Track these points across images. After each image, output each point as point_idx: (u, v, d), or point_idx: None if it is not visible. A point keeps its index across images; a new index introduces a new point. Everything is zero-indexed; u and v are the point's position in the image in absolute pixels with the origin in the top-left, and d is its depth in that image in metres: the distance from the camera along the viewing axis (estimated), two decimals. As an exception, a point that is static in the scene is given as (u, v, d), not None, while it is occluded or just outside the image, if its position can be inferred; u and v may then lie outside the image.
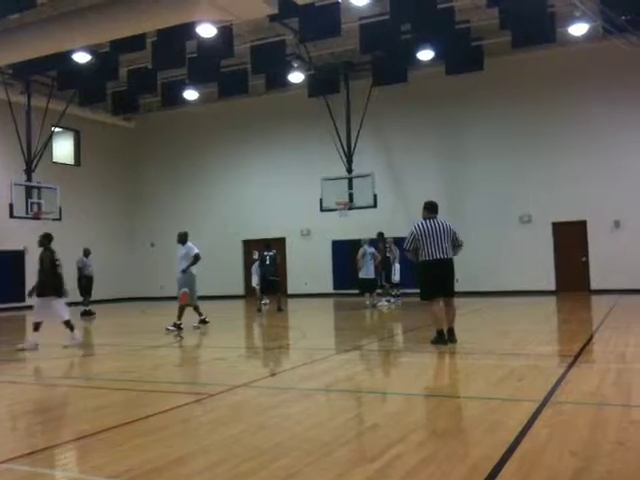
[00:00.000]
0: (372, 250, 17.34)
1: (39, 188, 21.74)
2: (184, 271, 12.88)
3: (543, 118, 21.12)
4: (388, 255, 17.80)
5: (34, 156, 22.26)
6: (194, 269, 13.04)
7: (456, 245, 9.03)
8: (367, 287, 17.17)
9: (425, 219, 9.04)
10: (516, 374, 6.63)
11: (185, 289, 12.80)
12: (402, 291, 18.60)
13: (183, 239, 13.21)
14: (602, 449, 4.02)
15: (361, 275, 16.99)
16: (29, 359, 10.27)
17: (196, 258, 12.94)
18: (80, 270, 18.32)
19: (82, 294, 18.35)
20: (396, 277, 18.25)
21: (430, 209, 9.13)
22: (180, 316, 12.69)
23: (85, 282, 18.27)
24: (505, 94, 21.60)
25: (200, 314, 13.18)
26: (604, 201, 20.14)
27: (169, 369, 8.13)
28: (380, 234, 18.32)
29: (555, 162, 20.88)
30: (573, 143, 20.74)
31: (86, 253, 18.46)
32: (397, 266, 18.13)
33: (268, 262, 17.30)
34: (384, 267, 17.81)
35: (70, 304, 17.94)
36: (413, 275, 10.03)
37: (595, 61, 20.30)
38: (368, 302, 17.04)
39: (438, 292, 8.95)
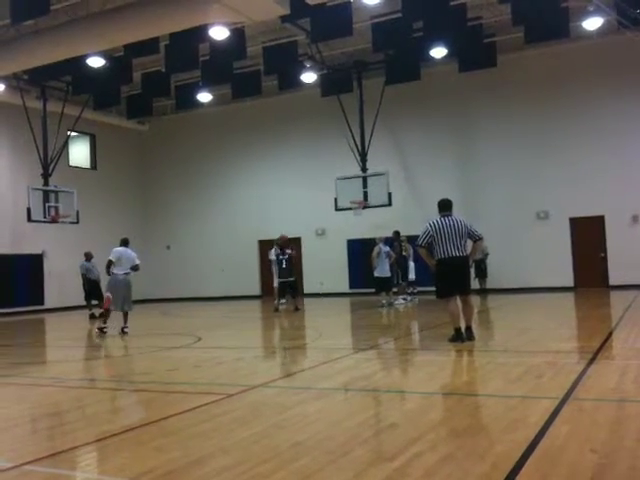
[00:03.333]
0: (387, 249, 17.29)
1: (56, 192, 21.93)
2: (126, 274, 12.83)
3: (558, 114, 20.97)
4: (404, 254, 17.73)
5: (51, 160, 22.44)
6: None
7: (475, 239, 8.92)
8: (383, 286, 17.11)
9: (440, 217, 8.95)
10: (535, 371, 6.59)
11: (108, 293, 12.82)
12: (418, 289, 18.55)
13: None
14: (623, 446, 3.98)
15: (376, 274, 16.92)
16: (49, 362, 10.37)
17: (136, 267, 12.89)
18: (84, 275, 18.31)
19: (87, 299, 18.36)
20: (411, 275, 18.23)
21: (443, 207, 9.05)
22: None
23: (90, 286, 18.21)
24: (519, 90, 21.46)
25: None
26: (621, 196, 19.96)
27: (188, 370, 8.16)
28: (396, 232, 18.23)
29: (571, 157, 20.72)
30: (589, 138, 20.57)
31: (88, 257, 18.39)
32: (412, 264, 18.09)
33: (285, 265, 17.31)
34: (400, 265, 17.75)
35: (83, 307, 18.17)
36: (428, 273, 9.96)
37: (610, 56, 20.10)
38: (384, 301, 16.98)
39: (454, 290, 8.85)
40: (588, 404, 5.13)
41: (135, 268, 12.90)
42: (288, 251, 17.41)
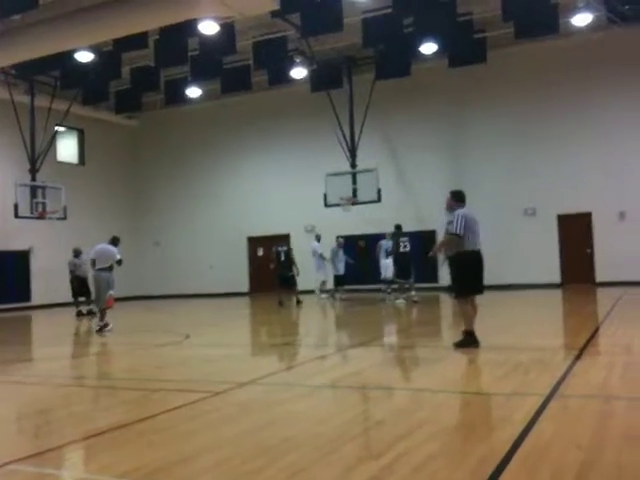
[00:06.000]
0: (389, 245, 17.49)
1: (44, 188, 21.78)
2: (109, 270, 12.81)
3: (547, 110, 21.03)
4: (403, 250, 17.27)
5: (38, 156, 22.29)
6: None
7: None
8: (384, 282, 17.39)
9: (456, 208, 8.17)
10: (522, 368, 6.62)
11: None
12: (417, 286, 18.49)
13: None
14: (609, 442, 4.01)
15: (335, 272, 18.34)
16: (35, 359, 10.32)
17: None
18: (72, 272, 18.15)
19: (74, 295, 18.21)
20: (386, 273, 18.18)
21: (460, 198, 8.35)
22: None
23: (77, 283, 18.06)
24: (509, 86, 21.51)
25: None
26: (609, 193, 20.05)
27: (176, 367, 8.15)
28: (397, 227, 17.83)
29: (559, 154, 20.80)
30: (577, 134, 20.65)
31: (76, 254, 18.21)
32: (385, 261, 18.04)
33: (283, 258, 17.81)
34: (396, 262, 17.41)
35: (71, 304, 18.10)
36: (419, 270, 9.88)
37: (599, 52, 20.16)
38: (384, 298, 17.19)
39: (479, 288, 8.11)
40: (574, 401, 5.17)
41: (118, 263, 12.77)
42: (286, 246, 18.25)
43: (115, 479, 3.71)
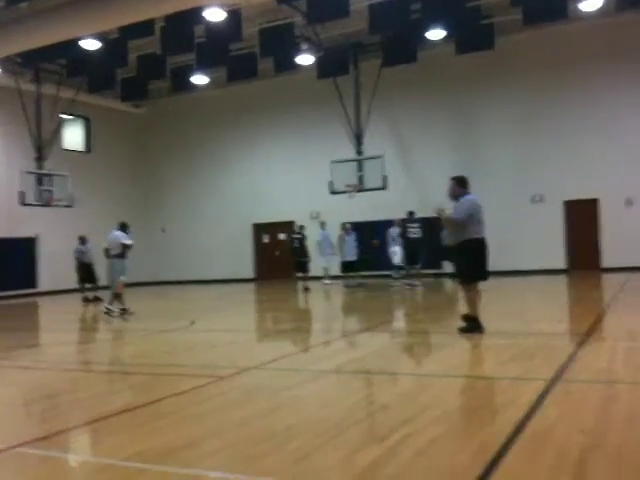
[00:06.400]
0: (395, 232, 17.63)
1: (50, 175, 21.83)
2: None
3: (554, 96, 20.90)
4: (411, 236, 17.25)
5: (45, 144, 22.33)
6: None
7: None
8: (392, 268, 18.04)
9: (461, 195, 8.08)
10: (526, 353, 6.63)
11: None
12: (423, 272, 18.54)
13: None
14: (612, 426, 4.02)
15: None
16: (42, 345, 10.39)
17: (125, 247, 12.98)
18: (78, 259, 18.32)
19: (80, 282, 18.39)
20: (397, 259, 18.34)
21: (464, 184, 8.23)
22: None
23: (83, 270, 18.21)
24: (516, 72, 21.37)
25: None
26: (615, 179, 19.96)
27: (182, 352, 8.20)
28: (409, 213, 17.87)
29: (567, 140, 20.69)
30: (584, 121, 20.52)
31: (82, 241, 18.39)
32: (395, 249, 18.12)
33: (297, 244, 18.57)
34: (405, 248, 17.45)
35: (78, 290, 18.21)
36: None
37: (608, 37, 19.98)
38: (393, 284, 17.49)
39: (484, 275, 8.05)
40: (578, 385, 5.18)
41: (125, 247, 12.89)
42: (300, 232, 19.07)
43: (121, 462, 3.75)
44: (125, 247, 12.85)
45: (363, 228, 21.08)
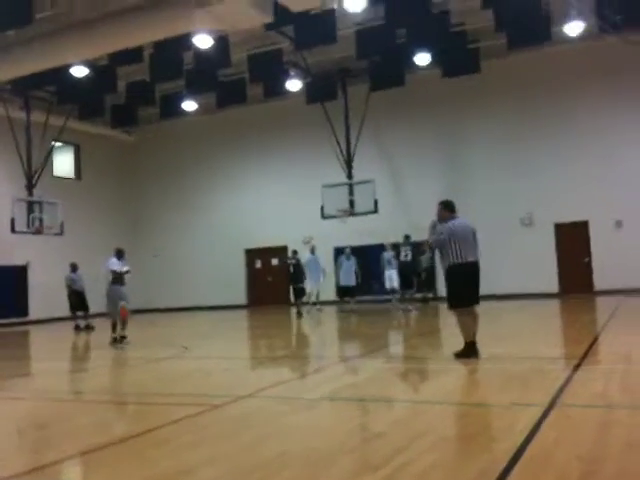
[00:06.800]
0: (389, 256, 17.64)
1: (40, 203, 21.76)
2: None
3: (541, 118, 21.12)
4: (404, 259, 17.28)
5: (35, 171, 22.30)
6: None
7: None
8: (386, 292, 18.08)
9: (447, 219, 8.09)
10: (521, 378, 6.60)
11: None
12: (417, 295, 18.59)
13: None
14: (610, 451, 4.00)
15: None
16: (32, 375, 10.27)
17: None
18: (69, 287, 18.21)
19: (72, 310, 18.26)
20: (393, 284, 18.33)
21: (451, 208, 8.20)
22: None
23: (75, 298, 18.10)
24: (503, 95, 21.60)
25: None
26: (605, 201, 20.08)
27: (175, 381, 8.11)
28: (405, 237, 17.96)
29: (555, 162, 20.85)
30: (572, 143, 20.71)
31: (74, 268, 18.28)
32: (390, 272, 18.14)
33: (292, 270, 18.48)
34: (400, 272, 17.48)
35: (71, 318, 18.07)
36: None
37: (592, 60, 20.29)
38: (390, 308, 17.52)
39: (471, 300, 7.98)
40: (574, 410, 5.15)
41: (112, 273, 12.77)
42: (295, 257, 18.79)
43: (114, 495, 3.69)
44: (115, 274, 12.72)
45: (355, 253, 21.03)
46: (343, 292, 18.73)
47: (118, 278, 12.74)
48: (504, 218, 21.28)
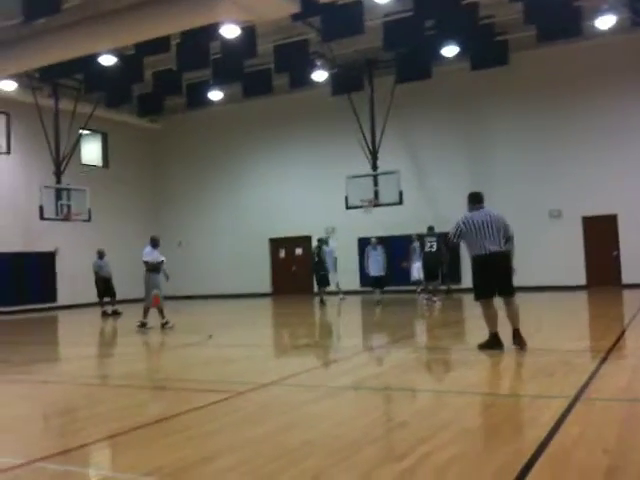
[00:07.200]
0: (416, 246, 17.69)
1: (68, 190, 22.02)
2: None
3: (571, 112, 20.83)
4: (428, 250, 17.15)
5: (63, 158, 22.54)
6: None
7: (507, 238, 8.02)
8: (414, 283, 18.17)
9: (472, 211, 8.11)
10: (547, 370, 6.55)
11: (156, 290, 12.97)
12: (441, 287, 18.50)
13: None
14: (635, 446, 3.96)
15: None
16: (61, 359, 10.43)
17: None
18: (96, 273, 18.48)
19: (99, 296, 18.56)
20: (415, 274, 18.32)
21: (474, 200, 8.22)
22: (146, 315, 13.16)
23: (102, 284, 18.40)
24: (531, 89, 21.33)
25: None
26: (634, 195, 19.79)
27: (199, 368, 8.19)
28: (429, 228, 17.81)
29: (584, 156, 20.58)
30: (601, 136, 20.40)
31: (100, 255, 18.54)
32: (416, 264, 18.21)
33: (316, 259, 18.86)
34: (424, 263, 17.40)
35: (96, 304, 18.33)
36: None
37: (623, 54, 19.92)
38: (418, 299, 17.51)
39: (493, 290, 7.88)
40: (600, 404, 5.10)
41: (145, 264, 13.22)
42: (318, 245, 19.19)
43: (142, 477, 3.74)
44: (148, 264, 13.00)
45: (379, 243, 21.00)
46: (374, 283, 18.44)
47: (154, 267, 12.99)
48: (532, 210, 21.04)
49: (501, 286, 7.87)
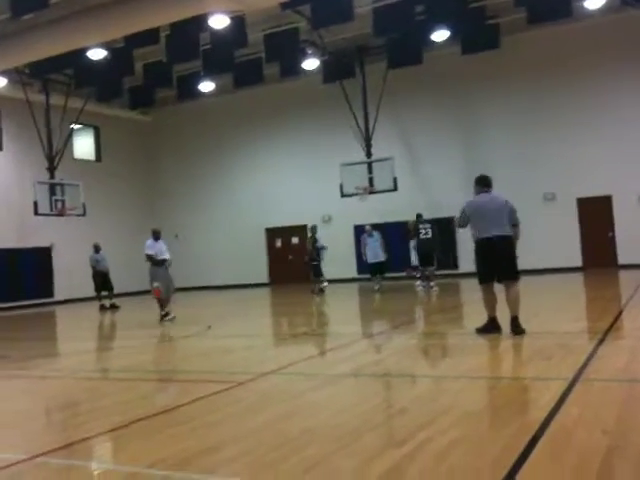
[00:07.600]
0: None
1: (62, 185, 21.96)
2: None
3: (563, 94, 20.82)
4: (424, 237, 17.15)
5: (55, 154, 22.47)
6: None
7: (513, 224, 7.99)
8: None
9: (478, 194, 8.10)
10: (545, 352, 6.58)
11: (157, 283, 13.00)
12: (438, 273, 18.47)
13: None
14: (634, 427, 3.99)
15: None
16: (60, 354, 10.43)
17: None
18: (93, 267, 18.48)
19: (97, 290, 18.56)
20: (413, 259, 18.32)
21: (480, 183, 8.17)
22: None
23: (99, 278, 18.39)
24: (523, 71, 21.30)
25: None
26: (628, 175, 19.82)
27: (199, 359, 8.21)
28: (417, 216, 17.79)
29: (576, 138, 20.60)
30: (593, 118, 20.42)
31: (96, 249, 18.54)
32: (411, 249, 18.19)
33: (310, 247, 18.77)
34: (418, 249, 17.40)
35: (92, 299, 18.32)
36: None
37: (613, 34, 19.90)
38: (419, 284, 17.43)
39: (494, 274, 7.86)
40: (598, 385, 5.13)
41: (146, 257, 13.22)
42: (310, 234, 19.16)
43: (145, 469, 3.75)
44: (149, 257, 13.02)
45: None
46: (373, 270, 18.38)
47: (155, 261, 12.99)
48: (526, 194, 20.98)
49: (502, 271, 7.85)
